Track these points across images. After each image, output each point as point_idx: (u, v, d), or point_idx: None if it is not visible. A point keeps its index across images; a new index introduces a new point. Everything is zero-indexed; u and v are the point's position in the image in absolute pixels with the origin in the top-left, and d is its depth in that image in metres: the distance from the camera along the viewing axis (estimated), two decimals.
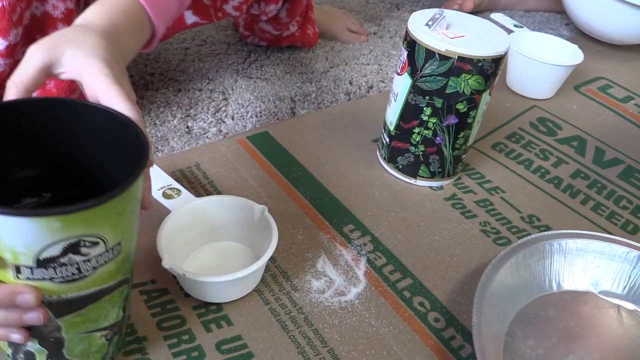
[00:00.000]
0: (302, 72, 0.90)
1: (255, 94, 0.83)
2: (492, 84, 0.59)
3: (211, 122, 0.76)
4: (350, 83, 0.89)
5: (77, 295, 0.36)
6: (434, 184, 0.66)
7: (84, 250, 0.34)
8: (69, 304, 0.36)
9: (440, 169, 0.65)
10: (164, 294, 0.50)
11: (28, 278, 0.33)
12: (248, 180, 0.64)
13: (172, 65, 0.89)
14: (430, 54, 0.57)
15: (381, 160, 0.69)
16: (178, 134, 0.74)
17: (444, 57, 0.56)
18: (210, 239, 0.54)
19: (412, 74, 0.59)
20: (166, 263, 0.46)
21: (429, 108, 0.60)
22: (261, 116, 0.78)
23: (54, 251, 0.33)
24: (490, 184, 0.68)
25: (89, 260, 0.34)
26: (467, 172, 0.70)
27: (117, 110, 0.38)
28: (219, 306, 0.50)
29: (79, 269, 0.34)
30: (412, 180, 0.66)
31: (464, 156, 0.65)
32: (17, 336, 0.35)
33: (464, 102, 0.59)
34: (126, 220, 0.36)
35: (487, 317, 0.47)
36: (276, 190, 0.63)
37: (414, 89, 0.59)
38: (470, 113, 0.60)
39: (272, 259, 0.55)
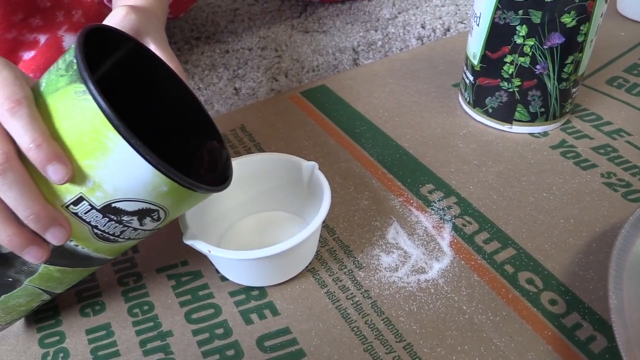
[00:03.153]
0: (365, 20, 0.78)
1: (312, 47, 0.72)
2: None
3: (261, 81, 0.66)
4: (423, 27, 0.75)
5: (86, 252, 0.32)
6: (536, 129, 0.52)
7: (147, 219, 0.31)
8: (71, 256, 0.32)
9: (542, 109, 0.50)
10: (196, 278, 0.40)
11: (76, 213, 0.29)
12: (301, 139, 0.53)
13: (220, 28, 0.80)
14: None
15: (465, 106, 0.55)
16: (224, 96, 0.64)
17: None
18: (251, 209, 0.44)
19: None
20: (187, 238, 0.36)
21: (524, 26, 0.45)
22: (319, 70, 0.67)
23: (129, 206, 0.30)
24: (611, 126, 0.53)
25: (135, 230, 0.32)
26: (577, 114, 0.54)
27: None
28: (261, 291, 0.39)
29: (121, 233, 0.31)
30: (506, 127, 0.52)
31: (573, 91, 0.50)
32: (35, 251, 0.30)
33: (572, 12, 0.44)
34: (185, 211, 0.35)
35: (630, 297, 0.33)
36: (335, 149, 0.51)
37: (502, 3, 0.46)
38: (581, 28, 0.45)
39: (330, 230, 0.43)
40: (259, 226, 0.43)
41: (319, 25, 0.78)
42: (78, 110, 0.27)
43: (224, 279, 0.40)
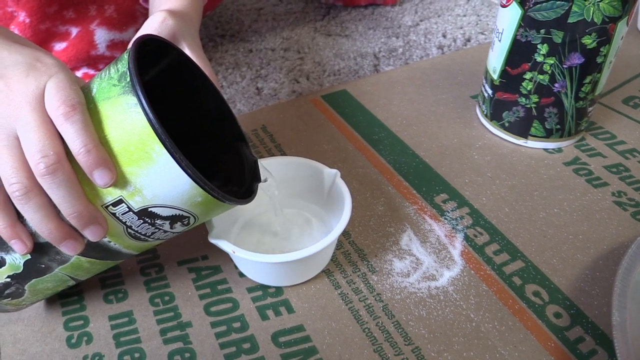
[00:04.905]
0: (387, 27, 0.79)
1: (334, 51, 0.73)
2: (632, 9, 0.45)
3: (284, 82, 0.68)
4: (444, 36, 0.76)
5: (117, 248, 0.34)
6: (550, 145, 0.53)
7: (177, 224, 0.33)
8: (103, 250, 0.34)
9: (558, 126, 0.51)
10: (215, 273, 0.42)
11: (114, 214, 0.31)
12: (321, 143, 0.54)
13: (244, 26, 0.81)
14: None
15: (482, 118, 0.56)
16: (246, 95, 0.66)
17: None
18: (271, 209, 0.46)
19: (523, 3, 0.46)
20: (213, 237, 0.38)
21: (545, 45, 0.47)
22: (340, 74, 0.68)
23: (164, 212, 0.32)
24: (624, 145, 0.54)
25: (165, 232, 0.34)
26: (592, 132, 0.56)
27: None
28: (278, 289, 0.41)
29: (152, 234, 0.33)
30: (521, 141, 0.53)
31: (590, 109, 0.52)
32: (71, 245, 0.32)
33: (593, 34, 0.45)
34: (212, 217, 0.37)
35: (633, 315, 0.34)
36: (353, 154, 0.53)
37: (525, 22, 0.47)
38: (601, 50, 0.46)
39: (345, 234, 0.45)
40: (277, 223, 0.45)
41: (341, 29, 0.79)
42: (128, 121, 0.29)
43: (242, 274, 0.42)
